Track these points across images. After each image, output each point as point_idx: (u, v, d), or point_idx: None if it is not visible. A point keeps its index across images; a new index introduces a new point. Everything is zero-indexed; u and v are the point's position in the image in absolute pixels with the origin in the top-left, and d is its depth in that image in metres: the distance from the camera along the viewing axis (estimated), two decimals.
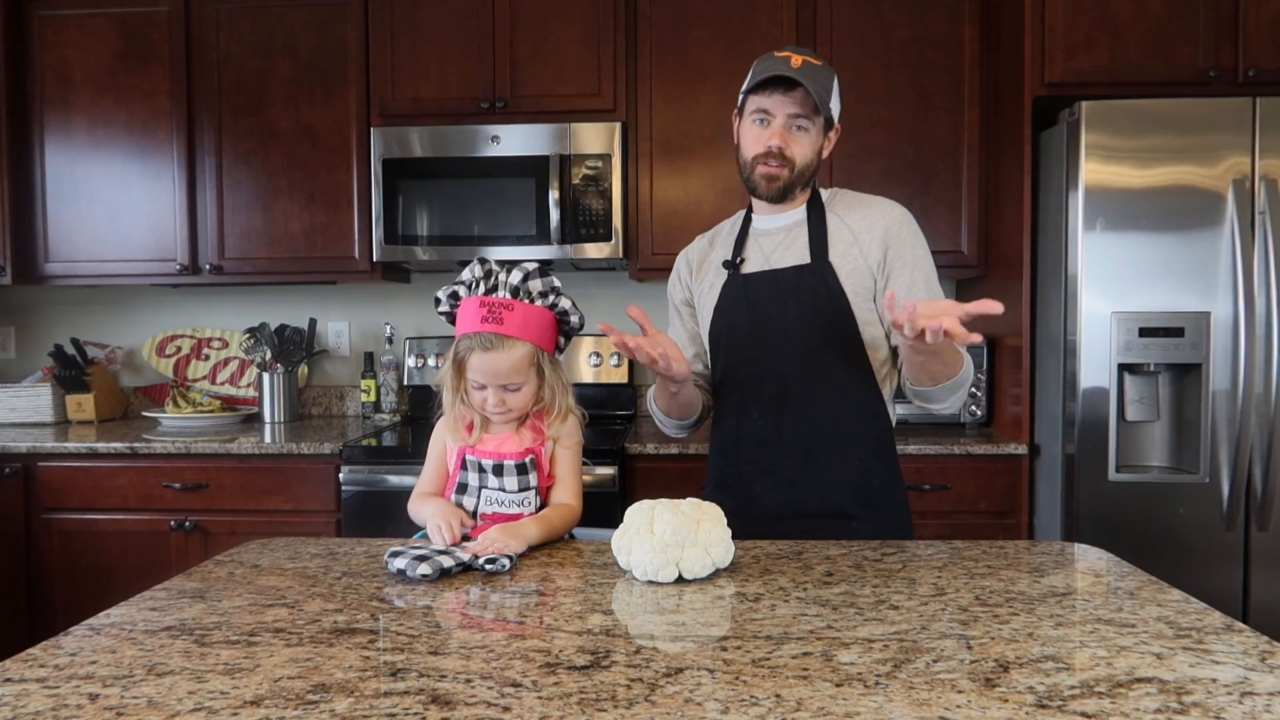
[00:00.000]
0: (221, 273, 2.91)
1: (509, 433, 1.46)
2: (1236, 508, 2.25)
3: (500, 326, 1.38)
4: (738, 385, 1.59)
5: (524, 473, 1.42)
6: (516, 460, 1.43)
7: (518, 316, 1.39)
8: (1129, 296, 2.26)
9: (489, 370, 1.39)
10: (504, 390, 1.41)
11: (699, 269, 1.69)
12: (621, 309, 3.20)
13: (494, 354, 1.38)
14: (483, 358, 1.38)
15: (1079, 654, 0.90)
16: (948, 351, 1.39)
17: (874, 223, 1.55)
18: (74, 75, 2.90)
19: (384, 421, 3.06)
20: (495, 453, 1.44)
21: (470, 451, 1.45)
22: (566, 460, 1.47)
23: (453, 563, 1.20)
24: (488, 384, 1.40)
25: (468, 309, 1.41)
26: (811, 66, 1.47)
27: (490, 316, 1.38)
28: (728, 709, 0.77)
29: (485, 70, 2.81)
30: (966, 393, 1.51)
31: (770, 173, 1.52)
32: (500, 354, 1.38)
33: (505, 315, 1.38)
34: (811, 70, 1.47)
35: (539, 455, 1.44)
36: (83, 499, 2.58)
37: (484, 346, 1.38)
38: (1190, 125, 2.24)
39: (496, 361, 1.38)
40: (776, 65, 1.47)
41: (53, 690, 0.83)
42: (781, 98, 1.48)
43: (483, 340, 1.38)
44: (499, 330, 1.38)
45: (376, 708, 0.78)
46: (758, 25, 2.75)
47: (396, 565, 1.18)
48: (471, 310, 1.40)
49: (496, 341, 1.38)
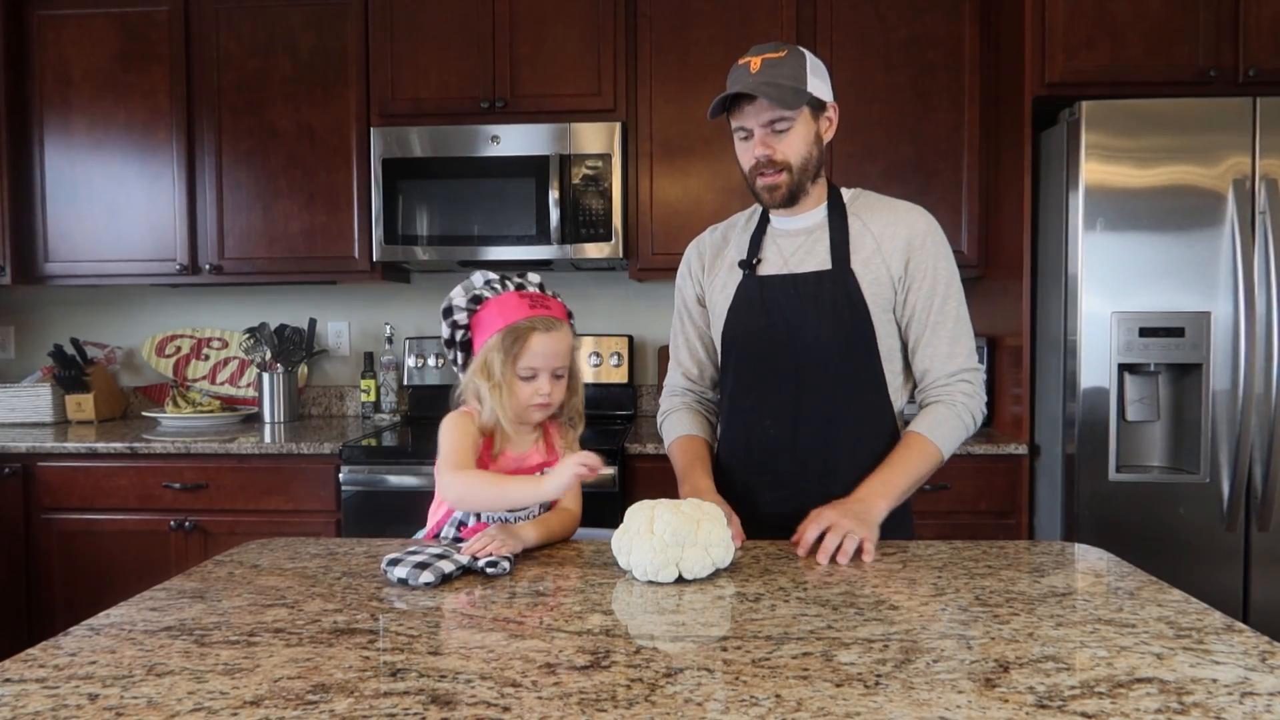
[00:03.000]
0: (221, 273, 2.91)
1: (531, 449, 1.45)
2: (1237, 508, 2.25)
3: (551, 311, 1.40)
4: (750, 391, 1.56)
5: None
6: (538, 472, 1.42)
7: (557, 306, 1.42)
8: (1129, 296, 2.26)
9: (550, 351, 1.37)
10: (554, 378, 1.40)
11: (711, 264, 1.64)
12: (621, 309, 3.22)
13: (554, 334, 1.38)
14: (544, 338, 1.37)
15: (1079, 654, 0.90)
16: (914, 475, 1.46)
17: (897, 230, 1.51)
18: (74, 75, 2.90)
19: (384, 421, 3.05)
20: (516, 467, 1.42)
21: (492, 465, 1.42)
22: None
23: (453, 567, 1.19)
24: (542, 369, 1.38)
25: (506, 303, 1.39)
26: (772, 63, 1.42)
27: (538, 304, 1.39)
28: (728, 709, 0.77)
29: (485, 70, 2.80)
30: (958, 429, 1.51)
31: (769, 182, 1.48)
32: (559, 334, 1.39)
33: (549, 303, 1.41)
34: (772, 68, 1.42)
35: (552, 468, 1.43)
36: (82, 499, 2.58)
37: (545, 327, 1.37)
38: (1190, 125, 2.24)
39: (558, 342, 1.38)
40: (737, 78, 1.44)
41: (52, 690, 0.83)
42: (750, 108, 1.45)
43: (544, 322, 1.37)
44: (551, 314, 1.39)
45: (376, 708, 0.78)
46: (758, 25, 2.75)
47: (398, 575, 1.17)
48: (512, 303, 1.39)
49: (556, 324, 1.39)
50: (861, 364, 1.51)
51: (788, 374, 1.52)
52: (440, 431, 1.41)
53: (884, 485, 1.42)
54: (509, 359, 1.36)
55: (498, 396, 1.37)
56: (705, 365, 1.70)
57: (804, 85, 1.43)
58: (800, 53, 1.46)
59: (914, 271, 1.50)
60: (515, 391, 1.38)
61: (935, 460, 1.48)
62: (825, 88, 1.49)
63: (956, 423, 1.50)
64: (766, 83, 1.41)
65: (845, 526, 1.28)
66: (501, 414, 1.38)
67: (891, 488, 1.42)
